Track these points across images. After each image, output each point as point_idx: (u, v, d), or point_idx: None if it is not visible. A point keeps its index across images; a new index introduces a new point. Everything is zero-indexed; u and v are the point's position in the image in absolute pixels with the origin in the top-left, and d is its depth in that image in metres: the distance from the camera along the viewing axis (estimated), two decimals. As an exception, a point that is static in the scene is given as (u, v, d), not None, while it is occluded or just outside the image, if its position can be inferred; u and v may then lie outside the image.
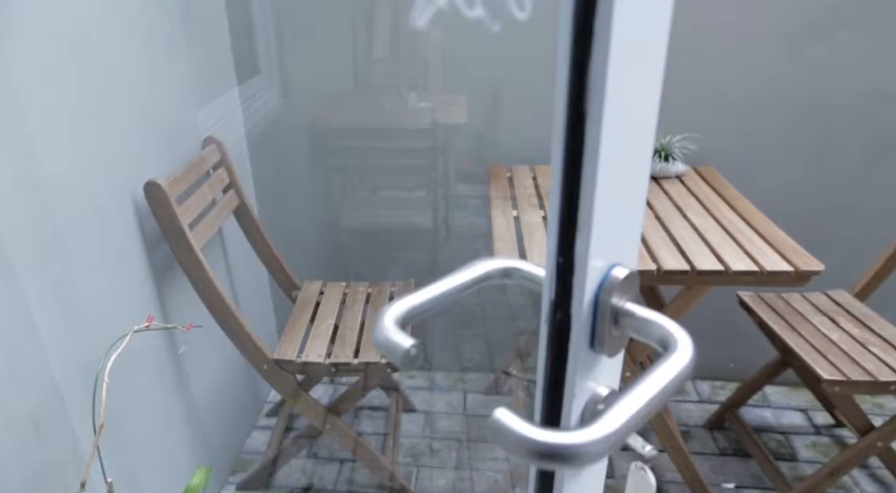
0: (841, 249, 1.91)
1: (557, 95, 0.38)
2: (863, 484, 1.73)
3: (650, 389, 0.40)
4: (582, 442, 0.35)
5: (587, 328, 0.44)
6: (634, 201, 0.45)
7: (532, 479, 0.50)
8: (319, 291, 1.81)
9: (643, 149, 0.44)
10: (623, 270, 0.43)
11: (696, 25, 1.74)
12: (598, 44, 0.36)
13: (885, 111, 1.79)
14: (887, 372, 1.44)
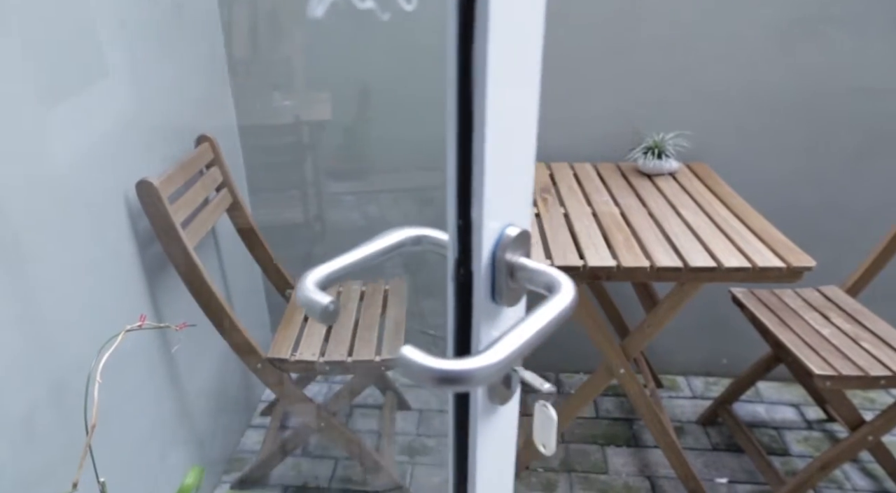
0: (832, 245, 1.93)
1: (448, 77, 0.44)
2: (854, 478, 1.74)
3: (534, 325, 0.45)
4: (471, 368, 0.42)
5: (487, 282, 0.49)
6: (522, 170, 0.51)
7: (451, 427, 0.56)
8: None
9: (527, 124, 0.50)
10: (515, 229, 0.50)
11: (687, 24, 1.75)
12: (479, 27, 0.41)
13: (875, 108, 1.80)
14: (878, 367, 1.45)
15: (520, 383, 0.57)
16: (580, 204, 1.57)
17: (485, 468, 0.57)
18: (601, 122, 1.88)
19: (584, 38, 1.78)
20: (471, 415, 0.54)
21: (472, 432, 0.54)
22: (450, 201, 0.47)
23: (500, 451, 0.60)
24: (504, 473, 0.63)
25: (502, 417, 0.58)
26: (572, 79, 1.83)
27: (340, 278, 0.55)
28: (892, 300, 1.88)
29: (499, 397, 0.56)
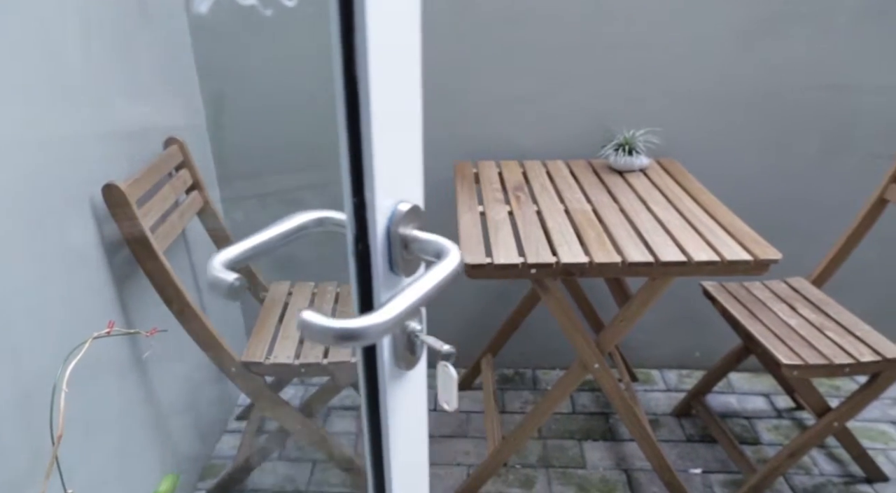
0: (799, 237, 1.98)
1: (334, 67, 0.48)
2: (821, 463, 1.79)
3: (422, 287, 0.50)
4: (365, 325, 0.46)
5: (384, 255, 0.54)
6: (410, 151, 0.57)
7: (362, 394, 0.60)
8: (287, 291, 1.79)
9: (411, 109, 0.56)
10: (406, 204, 0.55)
11: (656, 23, 1.77)
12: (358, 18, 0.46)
13: (839, 105, 1.85)
14: (842, 355, 1.49)
15: (424, 347, 0.62)
16: (553, 201, 1.58)
17: (398, 429, 0.61)
18: (573, 120, 1.89)
19: (554, 38, 1.80)
20: (379, 380, 0.58)
21: (382, 395, 0.58)
22: (344, 183, 0.52)
23: (412, 413, 0.65)
24: (417, 432, 0.68)
25: (411, 381, 0.62)
26: (543, 78, 1.84)
27: (248, 259, 0.58)
28: (855, 290, 1.93)
29: (405, 363, 0.60)
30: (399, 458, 0.63)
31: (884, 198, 1.73)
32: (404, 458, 0.64)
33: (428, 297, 0.50)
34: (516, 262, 1.29)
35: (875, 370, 1.52)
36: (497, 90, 1.87)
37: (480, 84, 1.86)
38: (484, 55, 1.83)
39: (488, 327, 2.14)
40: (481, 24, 1.79)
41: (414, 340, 0.60)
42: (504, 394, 2.11)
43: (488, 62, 1.83)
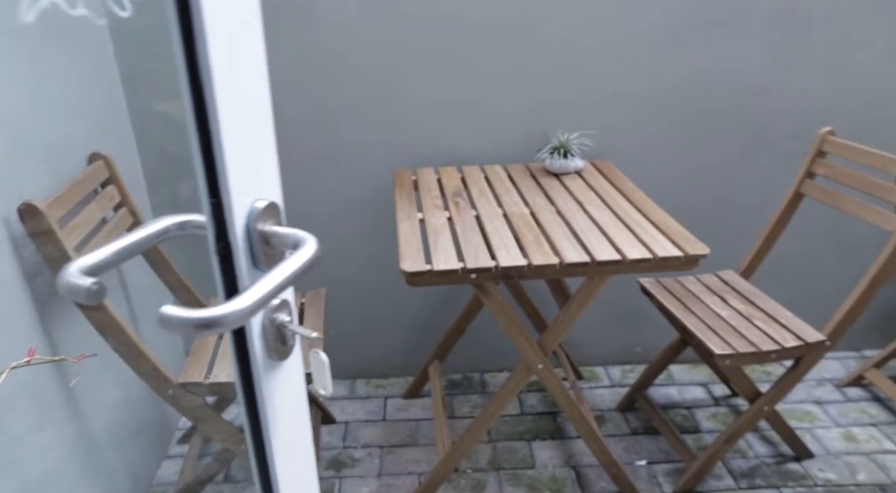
0: (727, 232, 2.07)
1: (179, 76, 0.50)
2: (755, 446, 1.88)
3: (278, 276, 0.53)
4: (223, 313, 0.49)
5: (246, 251, 0.56)
6: (263, 150, 0.60)
7: (238, 388, 0.62)
8: (227, 307, 1.74)
9: (261, 111, 0.59)
10: (263, 201, 0.57)
11: (587, 29, 1.82)
12: (197, 27, 0.48)
13: (758, 105, 1.95)
14: (769, 343, 1.57)
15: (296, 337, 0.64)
16: (491, 206, 1.60)
17: (277, 417, 0.63)
18: (510, 124, 1.93)
19: (489, 43, 1.82)
20: (253, 371, 0.60)
21: (258, 385, 0.60)
22: (200, 185, 0.53)
23: (290, 401, 0.66)
24: (298, 420, 0.69)
25: (286, 370, 0.64)
26: (479, 83, 1.87)
27: (110, 264, 0.58)
28: (778, 280, 2.04)
29: (277, 353, 0.62)
30: (281, 445, 0.65)
31: (800, 192, 1.83)
32: (287, 445, 0.66)
33: (285, 284, 0.53)
34: (456, 267, 1.30)
35: (798, 355, 1.60)
36: (434, 97, 1.88)
37: (417, 91, 1.87)
38: (420, 62, 1.84)
39: (434, 333, 2.14)
40: (416, 32, 1.80)
41: (284, 331, 0.62)
42: (453, 399, 2.11)
43: (425, 69, 1.85)
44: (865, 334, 2.27)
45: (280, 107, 1.94)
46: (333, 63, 1.81)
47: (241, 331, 0.59)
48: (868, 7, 1.84)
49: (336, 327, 2.13)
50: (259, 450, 0.63)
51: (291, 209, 2.10)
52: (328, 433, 1.96)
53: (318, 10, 1.75)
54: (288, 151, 1.88)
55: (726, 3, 1.82)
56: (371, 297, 2.11)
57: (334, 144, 1.91)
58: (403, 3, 1.77)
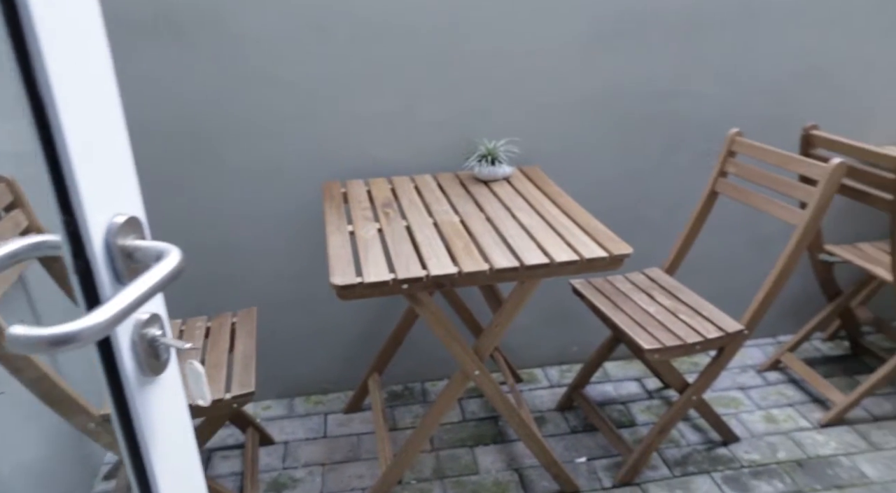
0: (651, 231, 2.16)
1: (21, 99, 0.49)
2: (687, 435, 1.96)
3: (140, 288, 0.52)
4: (77, 329, 0.47)
5: (108, 267, 0.56)
6: (118, 164, 0.59)
7: (112, 410, 0.60)
8: (151, 332, 1.66)
9: (112, 125, 0.58)
10: (122, 216, 0.57)
11: (510, 38, 1.86)
12: (31, 41, 0.47)
13: (673, 109, 2.04)
14: (693, 335, 1.65)
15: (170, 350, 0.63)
16: (421, 215, 1.61)
17: (157, 434, 0.62)
18: (438, 133, 1.94)
19: (414, 53, 1.83)
20: (125, 389, 0.59)
21: (132, 403, 0.59)
22: (52, 204, 0.53)
23: (170, 416, 0.65)
24: (181, 434, 0.68)
25: (162, 385, 0.63)
26: (406, 93, 1.87)
27: None
28: (700, 274, 2.14)
29: (151, 369, 0.61)
30: (164, 463, 0.63)
31: (714, 191, 1.93)
32: (170, 463, 0.65)
33: (146, 296, 0.52)
34: (387, 279, 1.30)
35: (721, 345, 1.68)
36: (361, 108, 1.87)
37: (344, 103, 1.85)
38: (346, 74, 1.82)
39: (372, 345, 2.12)
40: (340, 43, 1.79)
41: (156, 345, 0.61)
42: (394, 411, 2.09)
43: (351, 81, 1.83)
44: (780, 321, 2.42)
45: (201, 122, 1.89)
46: (256, 76, 1.78)
47: (109, 348, 0.57)
48: (752, 15, 1.97)
49: (271, 345, 2.07)
50: (139, 470, 0.62)
51: (217, 226, 2.04)
52: (266, 454, 1.90)
53: (235, 23, 1.71)
54: (211, 167, 1.84)
55: (638, 13, 1.90)
56: (306, 312, 2.07)
57: (261, 159, 1.87)
58: (325, 15, 1.75)
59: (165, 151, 1.81)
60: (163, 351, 0.62)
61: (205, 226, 1.91)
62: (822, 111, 2.11)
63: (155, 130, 1.78)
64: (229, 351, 1.59)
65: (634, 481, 1.78)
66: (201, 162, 1.84)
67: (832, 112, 2.12)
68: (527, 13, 1.84)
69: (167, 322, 0.64)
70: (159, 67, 1.72)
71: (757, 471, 1.80)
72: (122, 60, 1.66)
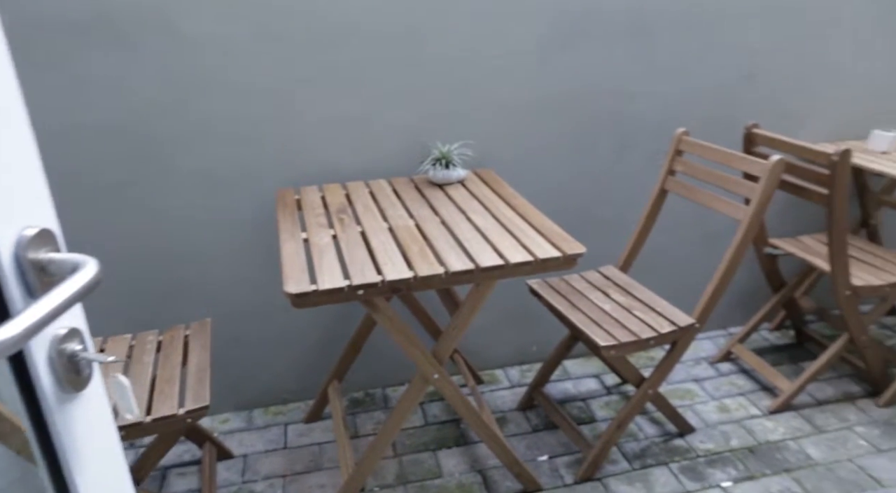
0: (606, 230, 2.20)
1: None
2: (645, 428, 2.00)
3: (52, 301, 0.51)
4: None
5: (18, 280, 0.54)
6: (27, 176, 0.58)
7: (29, 429, 0.59)
8: (99, 349, 1.61)
9: (17, 136, 0.56)
10: (33, 229, 0.56)
11: (461, 42, 1.87)
12: None
13: (623, 110, 2.08)
14: (647, 330, 1.68)
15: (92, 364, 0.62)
16: (376, 220, 1.60)
17: (80, 452, 0.61)
18: (392, 138, 1.93)
19: (367, 58, 1.82)
20: (43, 407, 0.57)
21: (52, 423, 0.58)
22: None
23: (95, 433, 0.64)
24: (108, 452, 0.67)
25: (85, 401, 0.62)
26: (360, 99, 1.86)
27: None
28: (653, 270, 2.20)
29: (71, 385, 0.59)
30: (89, 483, 0.62)
31: (664, 189, 1.98)
32: (96, 481, 0.63)
33: (60, 309, 0.51)
34: (342, 285, 1.28)
35: (674, 339, 1.73)
36: (314, 114, 1.85)
37: (297, 109, 1.83)
38: (298, 79, 1.80)
39: (331, 353, 2.10)
40: (291, 49, 1.76)
41: (77, 361, 0.60)
42: (356, 418, 2.08)
43: (303, 86, 1.81)
44: (730, 314, 2.50)
45: (151, 126, 1.84)
46: (208, 80, 1.73)
47: (23, 364, 0.55)
48: (697, 19, 2.03)
49: (227, 356, 2.03)
50: (62, 490, 0.60)
51: (169, 234, 1.98)
52: (225, 469, 1.85)
53: (185, 25, 1.67)
54: (162, 173, 1.79)
55: (587, 17, 1.93)
56: (262, 321, 2.03)
57: (214, 164, 1.83)
58: (279, 18, 1.72)
59: (114, 155, 1.75)
60: (84, 366, 0.60)
61: (156, 234, 1.85)
62: (763, 111, 2.19)
63: (101, 133, 1.72)
64: (182, 365, 1.55)
65: (595, 476, 1.81)
66: (152, 167, 1.79)
67: (772, 111, 2.20)
68: (480, 18, 1.86)
69: (88, 336, 0.63)
70: (104, 70, 1.66)
71: (712, 460, 1.86)
72: (60, 62, 1.61)
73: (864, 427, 1.97)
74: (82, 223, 1.78)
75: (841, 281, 1.87)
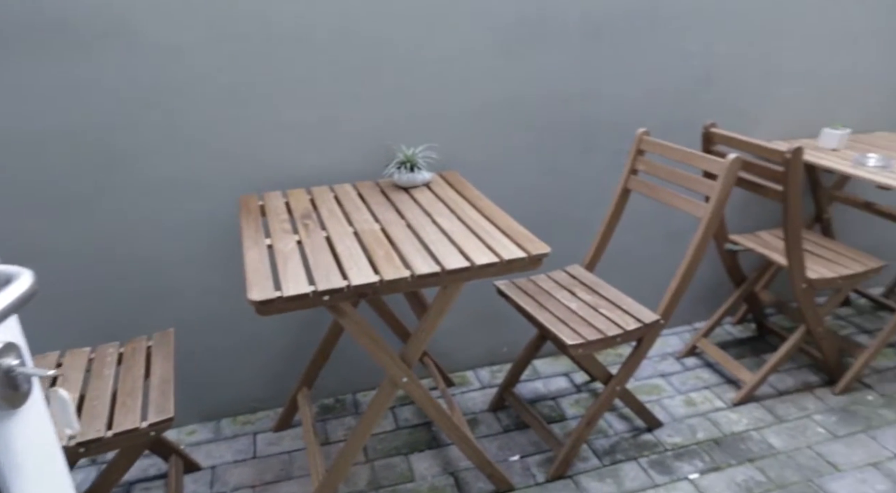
0: (571, 229, 2.23)
1: None
2: (614, 424, 2.03)
3: None
4: None
5: None
6: None
7: None
8: (56, 363, 1.56)
9: None
10: None
11: (425, 44, 1.87)
12: None
13: (587, 111, 2.11)
14: (614, 328, 1.71)
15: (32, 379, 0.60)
16: (342, 225, 1.59)
17: (23, 472, 0.59)
18: (356, 142, 1.92)
19: (331, 62, 1.81)
20: None
21: None
22: None
23: (37, 451, 0.62)
24: (51, 469, 0.65)
25: (24, 417, 0.61)
26: (324, 103, 1.85)
27: None
28: (618, 268, 2.23)
29: (8, 401, 0.58)
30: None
31: (627, 188, 2.02)
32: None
33: None
34: (307, 291, 1.27)
35: (639, 335, 1.76)
36: (277, 119, 1.83)
37: (260, 114, 1.80)
38: (261, 84, 1.77)
39: (300, 359, 2.08)
40: (254, 53, 1.74)
41: (14, 376, 0.58)
42: (326, 425, 2.06)
43: (267, 91, 1.78)
44: (695, 309, 2.55)
45: (110, 138, 1.79)
46: (170, 87, 1.70)
47: None
48: (655, 22, 2.08)
49: (193, 366, 1.99)
50: None
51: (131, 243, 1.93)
52: (193, 481, 1.82)
53: (145, 32, 1.63)
54: (123, 181, 1.74)
55: (552, 19, 1.95)
56: (229, 330, 2.00)
57: (176, 172, 1.79)
58: (240, 25, 1.70)
59: (73, 164, 1.70)
60: (23, 382, 0.58)
61: (117, 244, 1.81)
62: (721, 111, 2.25)
63: (58, 141, 1.67)
64: (145, 377, 1.52)
65: (567, 474, 1.83)
66: (112, 176, 1.74)
67: (729, 112, 2.26)
68: (444, 20, 1.86)
69: (26, 351, 0.61)
70: (58, 76, 1.61)
71: (679, 453, 1.89)
72: (11, 68, 1.56)
73: (822, 415, 2.04)
74: (41, 233, 1.73)
75: (797, 274, 1.93)
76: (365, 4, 1.78)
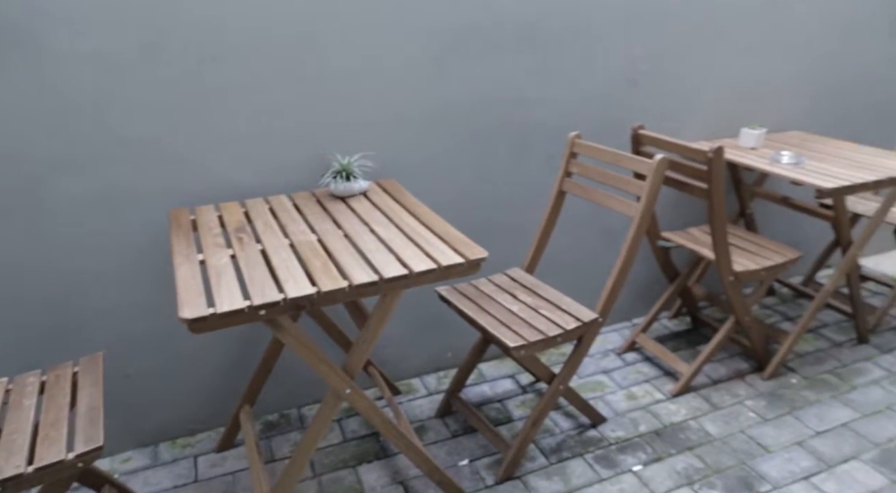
0: (510, 233, 2.26)
1: None
2: (560, 423, 2.07)
3: None
4: None
5: None
6: None
7: None
8: (-29, 395, 1.45)
9: None
10: None
11: (359, 56, 1.86)
12: None
13: (520, 116, 2.15)
14: (554, 328, 1.74)
15: None
16: (277, 237, 1.56)
17: None
18: (290, 152, 1.89)
19: (262, 72, 1.77)
20: None
21: None
22: None
23: None
24: None
25: None
26: (254, 114, 1.80)
27: None
28: (556, 270, 2.28)
29: None
30: None
31: (562, 190, 2.06)
32: None
33: None
34: (242, 306, 1.24)
35: (580, 334, 1.80)
36: (208, 130, 1.77)
37: (188, 127, 1.74)
38: (190, 95, 1.71)
39: (241, 376, 2.02)
40: (182, 64, 1.68)
41: None
42: (271, 442, 2.00)
43: (196, 102, 1.73)
44: (633, 305, 2.64)
45: (25, 152, 1.70)
46: (89, 98, 1.62)
47: None
48: (585, 28, 2.15)
49: (126, 391, 1.90)
50: None
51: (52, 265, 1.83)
52: (129, 512, 1.73)
53: (55, 41, 1.55)
54: (41, 200, 1.65)
55: (481, 26, 1.98)
56: (164, 350, 1.92)
57: (100, 187, 1.71)
58: (164, 36, 1.64)
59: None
60: None
61: (38, 265, 1.71)
62: (648, 113, 2.34)
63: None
64: (71, 405, 1.44)
65: (515, 475, 1.84)
66: (33, 188, 1.64)
67: (656, 113, 2.35)
68: (373, 30, 1.86)
69: None
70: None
71: (623, 446, 1.95)
72: None
73: (753, 400, 2.14)
74: (-55, 259, 1.61)
75: (724, 268, 2.02)
76: (295, 11, 1.76)
